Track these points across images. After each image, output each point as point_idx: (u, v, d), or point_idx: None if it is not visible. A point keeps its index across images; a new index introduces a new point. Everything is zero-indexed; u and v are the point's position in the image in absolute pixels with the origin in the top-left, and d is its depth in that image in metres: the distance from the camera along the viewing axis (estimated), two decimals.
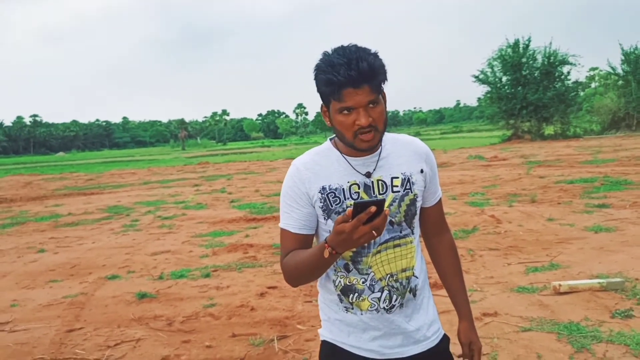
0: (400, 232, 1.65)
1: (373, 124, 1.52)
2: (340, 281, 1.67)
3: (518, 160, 21.14)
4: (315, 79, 1.54)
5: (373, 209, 1.30)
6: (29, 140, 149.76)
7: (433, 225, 1.83)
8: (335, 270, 1.67)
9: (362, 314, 1.67)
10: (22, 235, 10.66)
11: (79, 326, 5.06)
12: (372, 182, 1.62)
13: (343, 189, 1.61)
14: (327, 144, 1.69)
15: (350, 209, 1.33)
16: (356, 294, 1.66)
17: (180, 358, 4.23)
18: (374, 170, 1.62)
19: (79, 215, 13.46)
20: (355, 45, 1.51)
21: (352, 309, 1.67)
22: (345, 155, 1.63)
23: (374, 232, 1.33)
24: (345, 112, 1.52)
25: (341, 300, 1.69)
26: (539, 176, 14.95)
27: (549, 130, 39.37)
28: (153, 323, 5.06)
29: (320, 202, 1.62)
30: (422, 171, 1.69)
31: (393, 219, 1.63)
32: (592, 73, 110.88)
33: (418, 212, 1.71)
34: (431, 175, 1.73)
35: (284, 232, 1.69)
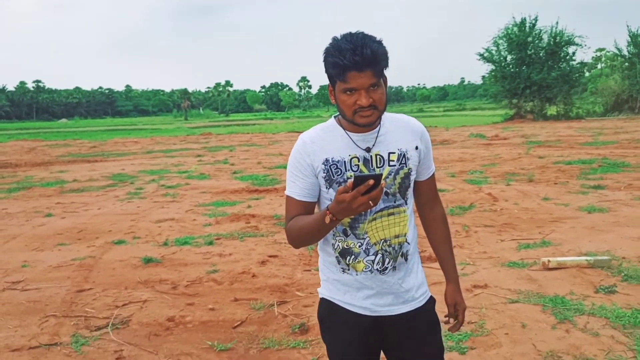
0: (395, 202, 1.84)
1: (373, 104, 1.70)
2: (338, 245, 1.86)
3: (519, 140, 21.27)
4: (324, 61, 1.71)
5: (371, 182, 1.49)
6: (32, 105, 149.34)
7: (426, 197, 2.01)
8: (334, 235, 1.86)
9: (357, 275, 1.86)
10: (29, 200, 10.89)
11: (88, 287, 5.30)
12: (371, 156, 1.80)
13: (344, 161, 1.79)
14: (332, 121, 1.86)
15: (351, 181, 1.52)
16: (352, 257, 1.85)
17: (185, 318, 4.46)
18: (373, 145, 1.80)
19: (84, 182, 13.68)
20: (362, 33, 1.68)
21: (349, 270, 1.87)
22: (347, 132, 1.81)
23: (370, 202, 1.52)
24: (349, 92, 1.69)
25: (339, 262, 1.88)
26: (538, 156, 15.12)
27: (551, 110, 39.39)
28: (159, 286, 5.29)
29: (323, 173, 1.81)
30: (417, 148, 1.87)
31: (388, 190, 1.82)
32: (599, 54, 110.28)
33: (412, 185, 1.89)
34: (425, 151, 1.91)
35: (289, 199, 1.88)
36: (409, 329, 1.89)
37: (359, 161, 1.79)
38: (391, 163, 1.81)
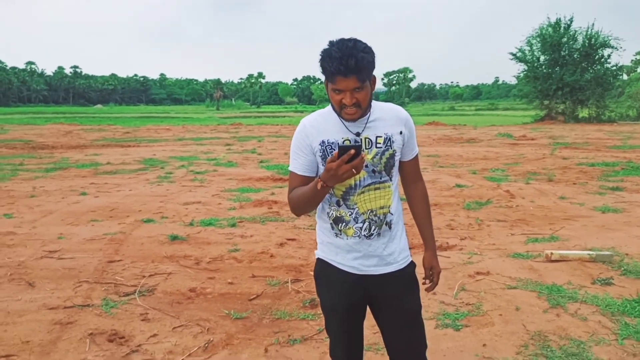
0: (380, 179, 2.16)
1: (357, 103, 2.02)
2: (332, 213, 2.19)
3: (546, 141, 21.24)
4: (319, 62, 2.02)
5: (352, 151, 1.82)
6: (69, 90, 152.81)
7: (409, 175, 2.33)
8: (329, 205, 2.19)
9: (347, 239, 2.19)
10: (65, 180, 11.45)
11: (118, 259, 5.72)
12: (361, 139, 2.12)
13: (338, 143, 2.11)
14: (329, 108, 2.18)
15: (337, 152, 1.85)
16: (344, 224, 2.18)
17: (206, 290, 4.84)
18: (363, 130, 2.12)
19: (117, 165, 14.25)
20: (354, 41, 1.97)
21: (341, 234, 2.19)
22: (341, 118, 2.13)
23: (354, 170, 1.85)
24: (337, 92, 2.02)
25: (332, 228, 2.21)
26: (563, 157, 15.18)
27: (583, 113, 38.87)
28: (183, 261, 5.68)
29: (320, 152, 2.13)
30: (401, 132, 2.18)
31: (375, 168, 2.13)
32: (638, 57, 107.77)
33: (396, 164, 2.20)
34: (409, 136, 2.22)
35: (291, 173, 2.21)
36: (390, 287, 2.21)
37: (350, 143, 2.11)
38: (378, 145, 2.13)
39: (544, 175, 11.57)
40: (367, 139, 2.12)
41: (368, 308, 2.31)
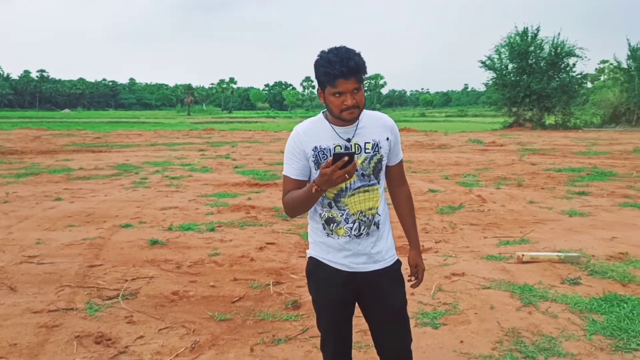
0: (369, 182, 2.30)
1: (356, 105, 2.17)
2: (324, 214, 2.33)
3: (515, 147, 21.76)
4: (315, 70, 2.18)
5: (346, 158, 1.96)
6: (35, 95, 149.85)
7: (395, 179, 2.48)
8: (321, 207, 2.33)
9: (338, 238, 2.32)
10: (37, 185, 11.34)
11: (99, 263, 5.75)
12: (351, 145, 2.26)
13: (330, 148, 2.25)
14: (320, 116, 2.33)
15: (331, 158, 1.99)
16: (335, 224, 2.31)
17: (188, 293, 4.91)
18: (353, 136, 2.27)
19: (90, 170, 14.14)
20: (345, 47, 2.14)
21: (332, 234, 2.33)
22: (332, 125, 2.27)
23: (346, 175, 1.99)
24: (337, 95, 2.16)
25: (324, 228, 2.35)
26: (531, 163, 15.60)
27: (550, 120, 39.91)
28: (164, 265, 5.75)
29: (313, 157, 2.27)
30: (387, 139, 2.33)
31: (364, 172, 2.28)
32: (602, 66, 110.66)
33: (383, 168, 2.35)
34: (394, 142, 2.37)
35: (285, 177, 2.34)
36: (377, 283, 2.35)
37: (341, 149, 2.25)
38: (367, 150, 2.27)
39: (513, 181, 11.90)
40: (356, 145, 2.26)
41: (357, 305, 2.44)
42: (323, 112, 2.34)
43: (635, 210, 8.44)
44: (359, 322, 2.72)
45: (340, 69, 2.08)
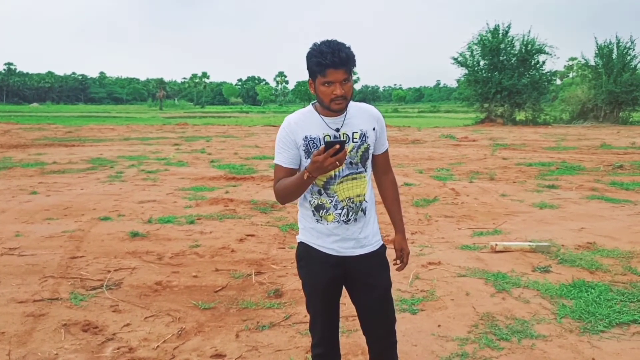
0: (357, 170, 2.43)
1: (344, 95, 2.29)
2: (314, 201, 2.45)
3: (487, 142, 22.17)
4: (308, 61, 2.29)
5: (337, 146, 2.08)
6: (2, 88, 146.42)
7: (381, 167, 2.62)
8: (311, 194, 2.45)
9: (327, 224, 2.45)
10: (12, 179, 11.23)
11: (80, 255, 5.79)
12: (340, 134, 2.39)
13: (319, 138, 2.37)
14: (310, 107, 2.45)
15: (322, 146, 2.11)
16: (325, 210, 2.44)
17: (172, 283, 5.00)
18: (341, 126, 2.39)
19: (64, 164, 14.02)
20: (336, 40, 2.27)
21: (321, 220, 2.45)
22: (322, 116, 2.39)
23: (337, 162, 2.11)
24: (327, 84, 2.28)
25: (314, 214, 2.47)
26: (503, 157, 15.96)
27: (520, 116, 40.69)
28: (145, 257, 5.81)
29: (303, 147, 2.39)
30: (374, 129, 2.46)
31: (352, 161, 2.41)
32: (571, 63, 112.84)
33: (370, 157, 2.48)
34: (380, 132, 2.50)
35: (277, 166, 2.46)
36: (365, 267, 2.49)
37: (330, 138, 2.38)
38: (354, 140, 2.40)
39: (486, 175, 12.18)
40: (344, 134, 2.39)
41: (344, 288, 2.57)
42: (312, 104, 2.46)
43: (602, 203, 8.76)
44: (342, 308, 2.85)
45: (331, 59, 2.20)
